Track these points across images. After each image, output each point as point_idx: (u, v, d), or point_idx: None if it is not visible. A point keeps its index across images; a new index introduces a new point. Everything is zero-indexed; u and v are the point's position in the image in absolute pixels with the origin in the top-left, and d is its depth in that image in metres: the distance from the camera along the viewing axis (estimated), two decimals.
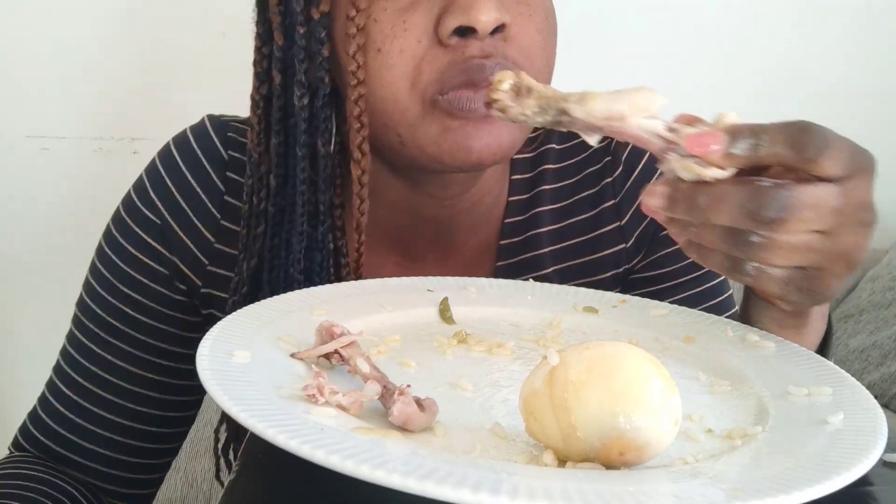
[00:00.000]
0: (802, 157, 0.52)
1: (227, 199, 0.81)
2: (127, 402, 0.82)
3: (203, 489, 1.51)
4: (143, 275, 0.81)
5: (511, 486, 0.37)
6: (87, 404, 0.81)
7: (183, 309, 0.82)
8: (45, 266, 1.60)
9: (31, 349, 1.55)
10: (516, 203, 0.84)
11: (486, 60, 0.67)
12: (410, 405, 0.45)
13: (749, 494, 0.38)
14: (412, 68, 0.68)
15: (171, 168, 0.82)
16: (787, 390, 0.53)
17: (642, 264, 0.85)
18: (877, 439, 0.45)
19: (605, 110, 0.56)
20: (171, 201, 0.81)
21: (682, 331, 0.64)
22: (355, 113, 0.70)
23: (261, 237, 0.76)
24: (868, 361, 1.67)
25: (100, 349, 0.81)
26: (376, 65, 0.69)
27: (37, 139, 1.58)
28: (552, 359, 0.43)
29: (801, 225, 0.52)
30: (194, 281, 0.81)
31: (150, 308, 0.81)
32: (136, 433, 0.82)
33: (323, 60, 0.72)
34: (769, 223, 0.51)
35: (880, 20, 1.79)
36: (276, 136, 0.75)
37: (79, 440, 0.81)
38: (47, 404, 0.83)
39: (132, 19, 1.55)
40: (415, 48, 0.68)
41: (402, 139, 0.71)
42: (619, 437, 0.41)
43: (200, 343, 0.50)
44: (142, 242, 0.81)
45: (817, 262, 0.54)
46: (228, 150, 0.82)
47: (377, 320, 0.62)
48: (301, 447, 0.39)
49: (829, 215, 0.52)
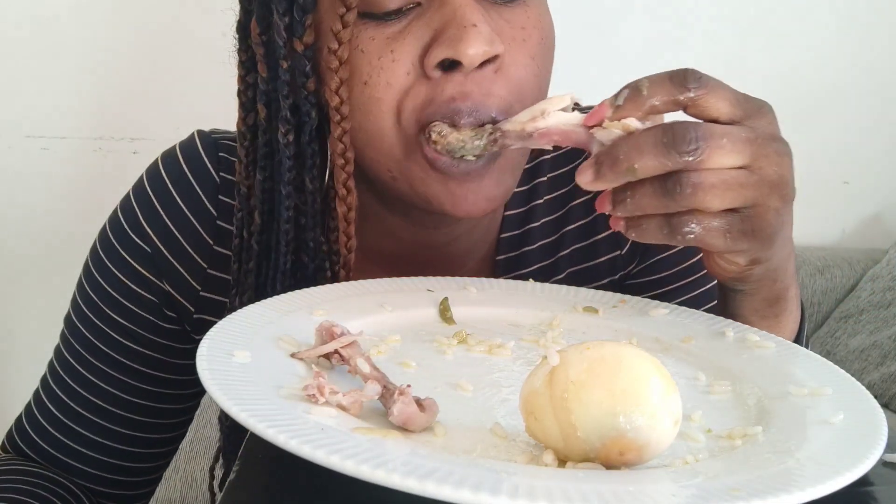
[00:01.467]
0: (685, 90, 0.55)
1: (219, 224, 0.78)
2: (114, 426, 0.80)
3: (203, 489, 1.51)
4: (130, 301, 0.79)
5: (511, 486, 0.37)
6: (69, 422, 0.79)
7: (173, 336, 0.80)
8: (45, 266, 1.60)
9: (30, 349, 1.55)
10: (513, 217, 0.83)
11: (463, 104, 0.64)
12: (410, 405, 0.45)
13: (749, 494, 0.38)
14: (397, 102, 0.65)
15: (161, 193, 0.79)
16: (787, 390, 0.53)
17: (637, 270, 0.85)
18: (877, 439, 0.45)
19: (527, 113, 0.61)
20: (162, 228, 0.78)
21: (682, 331, 0.64)
22: (339, 150, 0.68)
23: (252, 272, 0.74)
24: (868, 361, 1.67)
25: (86, 371, 0.79)
26: (363, 98, 0.66)
27: (37, 139, 1.58)
28: (552, 359, 0.43)
29: (720, 155, 0.54)
30: (186, 307, 0.79)
31: (138, 334, 0.79)
32: (124, 449, 0.81)
33: (309, 94, 0.68)
34: (689, 152, 0.53)
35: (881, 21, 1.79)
36: (260, 172, 0.72)
37: (65, 451, 0.80)
38: (33, 415, 0.82)
39: (132, 19, 1.55)
40: (402, 81, 0.65)
41: (392, 175, 0.69)
42: (619, 437, 0.41)
43: (200, 343, 0.50)
44: (130, 269, 0.78)
45: (750, 199, 0.55)
46: (220, 171, 0.78)
47: (377, 320, 0.62)
48: (301, 447, 0.39)
49: (744, 145, 0.54)
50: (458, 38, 0.62)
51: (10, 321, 1.64)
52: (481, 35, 0.62)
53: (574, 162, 0.84)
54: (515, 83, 0.66)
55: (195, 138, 0.81)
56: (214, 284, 0.78)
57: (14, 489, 0.72)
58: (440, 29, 0.63)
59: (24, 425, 0.82)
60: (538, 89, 0.69)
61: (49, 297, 1.52)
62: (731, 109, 0.56)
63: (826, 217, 1.89)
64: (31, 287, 1.61)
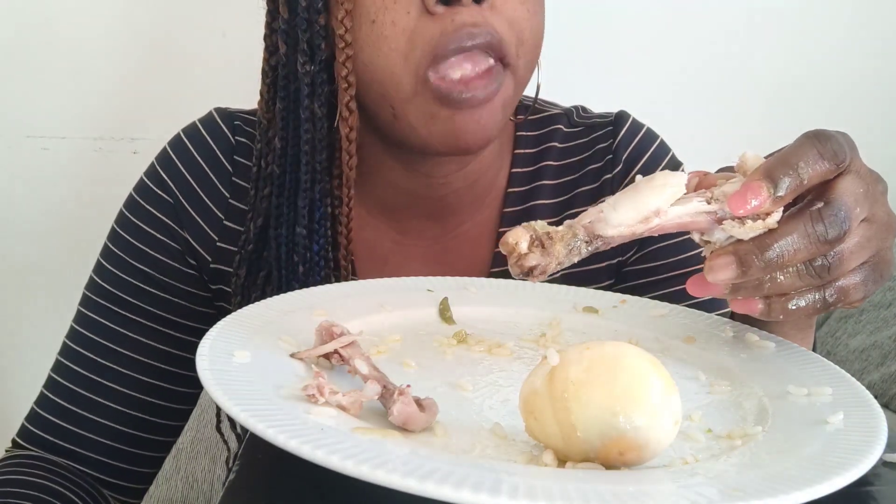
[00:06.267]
0: (839, 164, 0.52)
1: (235, 180, 0.85)
2: (129, 390, 0.83)
3: (203, 489, 1.51)
4: (155, 250, 0.84)
5: (511, 486, 0.37)
6: (87, 392, 0.83)
7: (193, 283, 0.86)
8: (45, 266, 1.60)
9: (31, 349, 1.55)
10: (520, 175, 0.87)
11: (475, 28, 0.69)
12: (410, 405, 0.45)
13: (749, 494, 0.38)
14: (405, 41, 0.71)
15: (182, 152, 0.86)
16: (787, 390, 0.53)
17: (635, 257, 0.86)
18: (877, 439, 0.45)
19: (636, 215, 0.53)
20: (182, 182, 0.85)
21: (682, 331, 0.64)
22: (343, 73, 0.74)
23: (267, 198, 0.80)
24: (868, 361, 1.67)
25: (109, 321, 0.84)
26: (373, 36, 0.72)
27: (37, 139, 1.58)
28: (552, 359, 0.43)
29: (857, 224, 0.53)
30: (205, 257, 0.85)
31: (162, 281, 0.84)
32: (135, 422, 0.84)
33: (320, 28, 0.75)
34: (838, 239, 0.52)
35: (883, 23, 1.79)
36: (280, 102, 0.79)
37: (78, 430, 0.82)
38: (46, 399, 0.84)
39: (132, 19, 1.55)
40: (405, 20, 0.70)
41: (395, 113, 0.74)
42: (619, 437, 0.41)
43: (200, 343, 0.50)
44: (155, 220, 0.85)
45: (875, 248, 0.55)
46: (236, 135, 0.86)
47: (377, 320, 0.62)
48: (301, 447, 0.39)
49: (864, 200, 0.53)
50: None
51: (11, 321, 1.64)
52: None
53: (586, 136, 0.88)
54: (510, 20, 0.72)
55: (213, 112, 0.89)
56: (230, 235, 0.84)
57: (16, 493, 0.73)
58: None
59: (36, 410, 0.85)
60: (532, 34, 0.74)
61: (49, 297, 1.52)
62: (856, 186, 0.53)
63: None
64: (32, 287, 1.61)
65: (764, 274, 0.52)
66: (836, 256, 0.53)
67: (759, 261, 0.52)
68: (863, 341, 1.69)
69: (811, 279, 0.53)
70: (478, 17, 0.70)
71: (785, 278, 0.53)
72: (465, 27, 0.69)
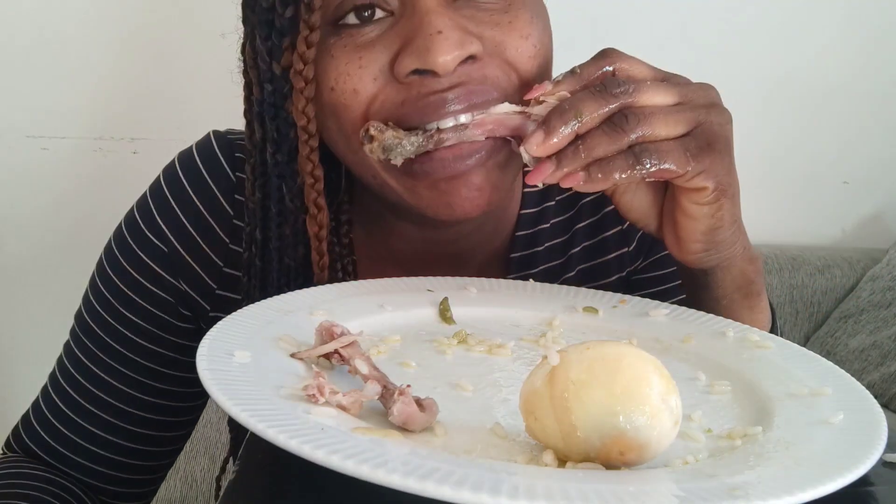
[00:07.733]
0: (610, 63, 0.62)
1: (235, 223, 0.78)
2: (123, 423, 0.80)
3: (203, 489, 1.51)
4: (145, 300, 0.79)
5: (511, 486, 0.37)
6: (78, 419, 0.79)
7: (187, 335, 0.80)
8: (45, 265, 1.60)
9: (31, 348, 1.55)
10: (527, 216, 0.83)
11: (449, 93, 0.63)
12: (410, 405, 0.45)
13: (749, 494, 0.38)
14: (365, 108, 0.65)
15: (177, 192, 0.79)
16: (787, 390, 0.53)
17: (644, 265, 0.85)
18: (877, 439, 0.45)
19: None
20: (178, 227, 0.78)
21: (682, 331, 0.64)
22: (308, 168, 0.68)
23: (257, 287, 0.74)
24: (868, 361, 1.66)
25: (98, 369, 0.79)
26: (330, 106, 0.66)
27: (37, 139, 1.58)
28: (552, 359, 0.43)
29: (650, 93, 0.60)
30: (202, 305, 0.79)
31: (152, 333, 0.79)
32: (132, 447, 0.81)
33: (287, 115, 0.68)
34: (621, 92, 0.59)
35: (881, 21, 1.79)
36: (259, 191, 0.73)
37: (72, 448, 0.79)
38: (41, 412, 0.81)
39: (132, 20, 1.55)
40: (369, 87, 0.64)
41: (378, 182, 0.69)
42: (619, 437, 0.41)
43: (200, 343, 0.50)
44: (146, 268, 0.78)
45: (692, 120, 0.60)
46: (236, 171, 0.78)
47: (377, 320, 0.62)
48: (301, 447, 0.39)
49: (669, 87, 0.61)
50: (425, 48, 0.62)
51: (11, 321, 1.64)
52: (448, 41, 0.62)
53: None
54: (510, 62, 0.66)
55: (211, 138, 0.81)
56: (230, 282, 0.79)
57: (15, 494, 0.72)
58: (408, 38, 0.63)
59: (31, 422, 0.82)
60: (539, 66, 0.68)
61: (50, 297, 1.52)
62: (650, 71, 0.63)
63: (826, 217, 1.89)
64: (32, 287, 1.61)
65: (563, 123, 0.58)
66: (632, 112, 0.59)
67: (558, 120, 0.59)
68: (863, 341, 1.69)
69: (616, 134, 0.58)
70: (456, 80, 0.63)
71: (592, 139, 0.58)
72: (433, 94, 0.63)
